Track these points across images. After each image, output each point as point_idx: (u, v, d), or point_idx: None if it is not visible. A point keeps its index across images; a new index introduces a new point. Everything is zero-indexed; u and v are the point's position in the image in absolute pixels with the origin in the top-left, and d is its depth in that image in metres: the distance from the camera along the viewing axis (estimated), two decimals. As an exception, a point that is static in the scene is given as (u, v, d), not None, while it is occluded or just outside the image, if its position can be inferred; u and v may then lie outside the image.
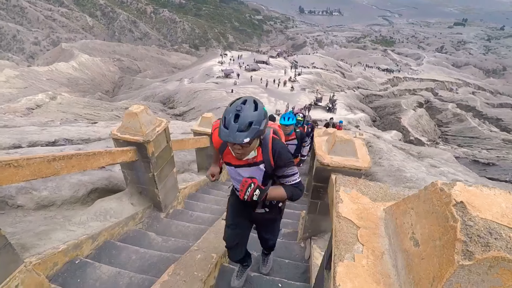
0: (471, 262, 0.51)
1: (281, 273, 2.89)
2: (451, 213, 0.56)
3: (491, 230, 0.52)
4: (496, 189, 0.62)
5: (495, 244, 0.51)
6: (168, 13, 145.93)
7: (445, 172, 7.75)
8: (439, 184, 0.64)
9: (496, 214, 0.55)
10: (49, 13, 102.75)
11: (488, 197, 0.59)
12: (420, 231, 0.63)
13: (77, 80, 49.35)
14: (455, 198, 0.58)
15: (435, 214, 0.61)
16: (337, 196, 0.86)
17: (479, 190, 0.61)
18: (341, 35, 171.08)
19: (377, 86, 55.71)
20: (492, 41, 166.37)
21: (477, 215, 0.54)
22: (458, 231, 0.53)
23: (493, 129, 35.64)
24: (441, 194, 0.61)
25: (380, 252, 0.69)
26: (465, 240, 0.52)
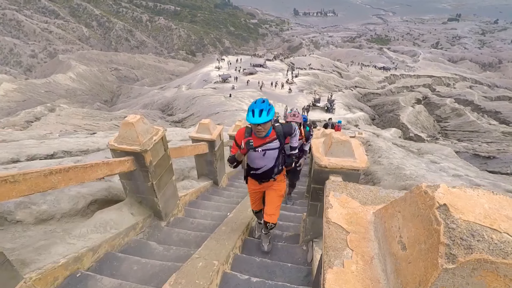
0: (454, 266, 0.51)
1: (283, 277, 2.87)
2: (434, 216, 0.56)
3: (473, 232, 0.52)
4: (480, 189, 0.62)
5: (478, 246, 0.51)
6: (163, 21, 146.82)
7: (446, 168, 7.73)
8: (423, 187, 0.64)
9: (478, 215, 0.55)
10: (45, 26, 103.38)
11: (471, 198, 0.59)
12: (407, 235, 0.63)
13: (75, 91, 49.51)
14: (438, 201, 0.58)
15: (420, 217, 0.61)
16: (326, 201, 0.86)
17: (463, 192, 0.61)
18: (336, 35, 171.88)
19: (375, 84, 55.83)
20: (486, 35, 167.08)
21: (459, 217, 0.54)
22: (442, 234, 0.53)
23: (492, 122, 35.65)
24: (425, 197, 0.61)
25: (370, 256, 0.69)
26: (448, 243, 0.52)
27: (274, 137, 2.79)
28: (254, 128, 2.62)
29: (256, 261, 3.02)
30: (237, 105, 30.63)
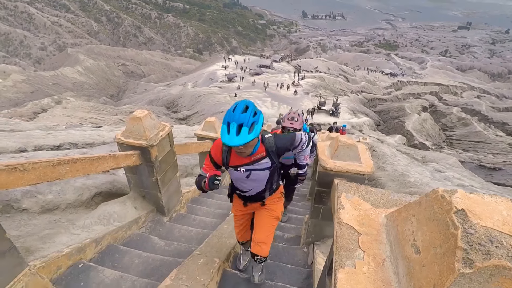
0: (471, 270, 0.51)
1: (284, 278, 2.87)
2: (451, 220, 0.56)
3: (492, 238, 0.52)
4: (498, 196, 0.62)
5: (496, 252, 0.51)
6: (172, 18, 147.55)
7: (450, 177, 7.68)
8: (440, 191, 0.63)
9: (497, 222, 0.55)
10: (56, 19, 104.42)
11: (490, 205, 0.59)
12: (421, 238, 0.63)
13: (82, 84, 49.93)
14: (456, 206, 0.58)
15: (436, 221, 0.61)
16: (338, 202, 0.86)
17: (480, 198, 0.60)
18: (344, 39, 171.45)
19: (381, 90, 55.58)
20: (497, 44, 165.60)
21: (478, 222, 0.54)
22: (459, 239, 0.53)
23: (499, 133, 35.30)
24: (442, 201, 0.61)
25: (381, 259, 0.69)
26: (466, 248, 0.52)
27: (263, 155, 1.98)
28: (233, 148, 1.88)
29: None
30: (242, 105, 30.59)
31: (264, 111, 26.78)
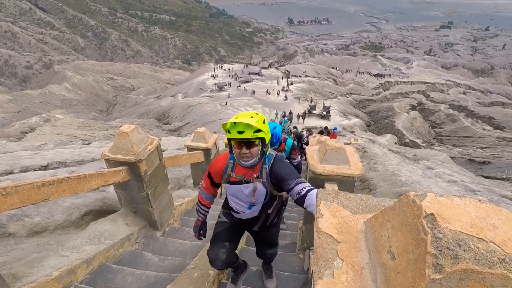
0: (441, 276, 0.51)
1: (280, 286, 2.85)
2: (422, 225, 0.57)
3: (460, 241, 0.52)
4: (467, 198, 0.63)
5: (464, 256, 0.51)
6: (159, 31, 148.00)
7: (441, 174, 7.78)
8: (411, 196, 0.64)
9: (465, 224, 0.55)
10: (41, 37, 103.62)
11: (459, 207, 0.59)
12: (396, 244, 0.63)
13: (71, 101, 49.40)
14: (425, 210, 0.58)
15: (408, 226, 0.61)
16: (317, 211, 0.86)
17: (450, 200, 0.61)
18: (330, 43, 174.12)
19: (370, 91, 56.39)
20: (478, 41, 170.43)
21: (446, 226, 0.54)
22: (429, 244, 0.53)
23: (486, 127, 36.05)
24: (413, 206, 0.62)
25: (360, 266, 0.69)
26: (435, 253, 0.52)
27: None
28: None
29: (252, 270, 2.99)
30: (233, 113, 30.67)
31: (256, 118, 26.76)
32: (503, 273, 0.50)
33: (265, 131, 1.73)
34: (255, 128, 1.66)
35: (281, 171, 1.87)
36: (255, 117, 1.72)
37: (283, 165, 1.92)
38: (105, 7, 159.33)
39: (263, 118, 1.77)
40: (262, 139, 1.77)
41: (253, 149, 1.76)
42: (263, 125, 1.72)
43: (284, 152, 3.90)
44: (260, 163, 1.90)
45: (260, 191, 1.93)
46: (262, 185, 1.91)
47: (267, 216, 2.14)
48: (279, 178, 1.85)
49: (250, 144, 1.74)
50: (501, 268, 0.50)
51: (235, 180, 1.96)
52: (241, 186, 1.96)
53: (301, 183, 1.77)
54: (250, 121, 1.66)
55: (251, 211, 2.06)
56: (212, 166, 2.09)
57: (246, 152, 1.75)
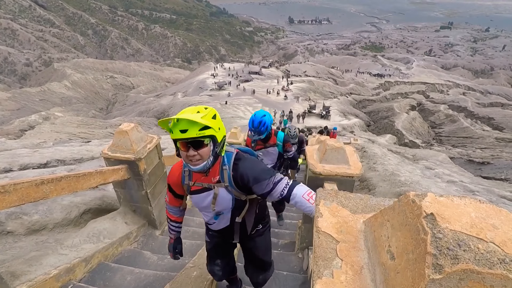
0: (441, 276, 0.51)
1: (279, 285, 2.85)
2: (421, 225, 0.56)
3: (460, 241, 0.52)
4: (467, 198, 0.63)
5: (464, 256, 0.51)
6: (159, 29, 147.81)
7: (440, 174, 7.79)
8: (411, 196, 0.64)
9: (465, 224, 0.55)
10: (41, 34, 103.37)
11: (459, 207, 0.59)
12: (395, 244, 0.63)
13: (71, 99, 49.32)
14: (425, 210, 0.58)
15: (408, 226, 0.61)
16: (317, 210, 0.86)
17: (450, 200, 0.61)
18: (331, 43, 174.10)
19: (370, 91, 56.40)
20: (478, 42, 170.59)
21: (446, 226, 0.54)
22: (428, 244, 0.53)
23: (486, 128, 36.07)
24: (413, 206, 0.62)
25: (359, 266, 0.69)
26: (435, 253, 0.52)
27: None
28: None
29: None
30: (233, 112, 30.68)
31: (255, 117, 26.74)
32: (503, 273, 0.49)
33: (215, 128, 1.43)
34: (201, 125, 1.38)
35: (248, 172, 1.57)
36: (202, 112, 1.43)
37: (250, 163, 1.62)
38: (106, 4, 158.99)
39: (213, 113, 1.47)
40: (212, 137, 1.46)
41: (202, 150, 1.45)
42: (212, 121, 1.44)
43: (276, 146, 3.61)
44: (217, 165, 1.61)
45: (223, 198, 1.65)
46: (225, 190, 1.63)
47: (243, 224, 1.84)
48: (247, 180, 1.56)
49: (198, 145, 1.44)
50: (501, 268, 0.50)
51: (197, 189, 1.69)
52: (202, 195, 1.69)
53: (279, 183, 1.54)
54: (195, 117, 1.36)
55: (219, 222, 1.82)
56: (169, 177, 1.81)
57: (193, 154, 1.44)
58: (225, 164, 1.60)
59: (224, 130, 1.54)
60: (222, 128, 1.52)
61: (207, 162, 1.49)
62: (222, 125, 1.53)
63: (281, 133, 3.63)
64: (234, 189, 1.62)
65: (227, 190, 1.63)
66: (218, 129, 1.47)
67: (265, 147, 3.62)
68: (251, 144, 3.65)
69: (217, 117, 1.50)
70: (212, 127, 1.41)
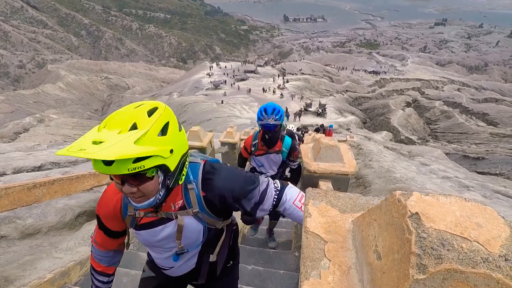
0: (425, 276, 0.51)
1: (276, 284, 2.85)
2: (406, 225, 0.56)
3: (443, 241, 0.52)
4: (452, 196, 0.63)
5: (447, 256, 0.51)
6: (153, 29, 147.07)
7: (435, 170, 7.85)
8: (397, 195, 0.64)
9: (449, 223, 0.55)
10: (33, 36, 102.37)
11: (444, 206, 0.59)
12: (382, 244, 0.63)
13: (65, 100, 48.95)
14: (410, 209, 0.58)
15: (394, 226, 0.61)
16: (306, 210, 0.86)
17: (435, 199, 0.61)
18: (326, 40, 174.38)
19: (365, 88, 56.63)
20: (472, 38, 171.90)
21: (431, 226, 0.54)
22: (413, 244, 0.53)
23: (480, 123, 36.40)
24: (398, 205, 0.62)
25: (347, 266, 0.69)
26: (419, 253, 0.52)
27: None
28: None
29: (247, 269, 2.99)
30: (229, 112, 30.66)
31: (252, 116, 26.84)
32: (486, 272, 0.50)
33: (162, 153, 0.86)
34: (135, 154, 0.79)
35: (229, 187, 1.10)
36: (141, 124, 0.85)
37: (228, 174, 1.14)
38: (99, 5, 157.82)
39: (162, 122, 0.89)
40: (159, 167, 0.90)
41: (144, 186, 0.92)
42: (158, 140, 0.86)
43: (280, 154, 2.97)
44: (178, 188, 1.08)
45: (191, 229, 1.12)
46: (193, 218, 1.10)
47: (214, 263, 1.30)
48: (231, 198, 1.10)
49: (137, 178, 0.90)
50: (484, 267, 0.50)
51: (149, 221, 1.11)
52: (157, 229, 1.11)
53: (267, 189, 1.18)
54: (122, 145, 0.79)
55: (180, 264, 1.25)
56: (100, 206, 1.19)
57: (131, 191, 0.91)
58: (191, 181, 1.08)
59: (184, 145, 0.98)
60: (181, 144, 0.96)
61: (155, 198, 0.96)
62: (182, 138, 0.97)
63: (289, 138, 3.03)
64: (208, 215, 1.12)
65: (196, 218, 1.11)
66: (171, 152, 0.89)
67: (267, 153, 2.97)
68: (250, 147, 3.02)
69: (172, 126, 0.91)
70: (159, 153, 0.84)
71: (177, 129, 0.95)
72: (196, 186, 1.10)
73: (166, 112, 0.92)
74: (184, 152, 0.99)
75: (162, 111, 0.90)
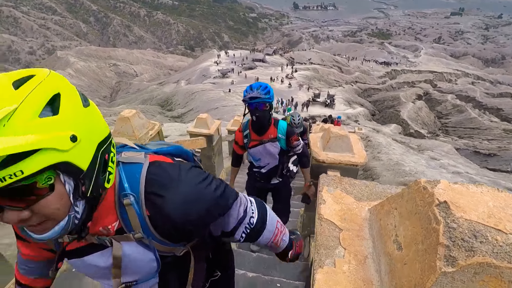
0: (454, 269, 0.47)
1: (280, 272, 2.85)
2: (433, 214, 0.52)
3: (476, 232, 0.47)
4: (484, 186, 0.58)
5: (480, 249, 0.47)
6: (161, 16, 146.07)
7: (445, 165, 7.70)
8: (422, 182, 0.59)
9: (482, 214, 0.50)
10: (43, 22, 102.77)
11: (475, 196, 0.54)
12: (403, 234, 0.59)
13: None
14: (438, 198, 0.53)
15: (418, 215, 0.56)
16: (319, 197, 0.82)
17: (465, 188, 0.56)
18: (337, 29, 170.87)
19: (375, 79, 55.58)
20: (490, 30, 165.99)
21: (461, 216, 0.49)
22: (441, 234, 0.48)
23: (494, 119, 35.51)
24: (424, 193, 0.57)
25: (363, 256, 0.65)
26: (448, 244, 0.47)
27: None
28: None
29: (252, 256, 3.00)
30: (236, 100, 30.54)
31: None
32: (524, 268, 0.45)
33: (57, 135, 0.52)
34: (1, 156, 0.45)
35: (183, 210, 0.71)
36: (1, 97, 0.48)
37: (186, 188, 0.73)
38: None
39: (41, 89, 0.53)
40: (58, 167, 0.53)
41: (41, 204, 0.55)
42: (39, 123, 0.50)
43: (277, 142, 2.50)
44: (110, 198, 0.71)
45: (136, 260, 0.76)
46: (136, 245, 0.74)
47: None
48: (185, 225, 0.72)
49: (24, 194, 0.53)
50: (522, 262, 0.46)
51: (78, 248, 0.75)
52: (90, 258, 0.75)
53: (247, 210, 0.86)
54: None
55: None
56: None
57: (23, 218, 0.54)
58: (127, 193, 0.71)
59: (100, 128, 0.64)
60: (92, 126, 0.62)
61: (69, 220, 0.60)
62: (92, 118, 0.62)
63: (283, 122, 2.55)
64: (159, 241, 0.75)
65: (142, 245, 0.74)
66: (73, 140, 0.55)
67: (261, 143, 2.49)
68: (242, 140, 2.57)
69: (68, 99, 0.57)
70: (49, 144, 0.50)
71: (78, 104, 0.59)
72: (136, 202, 0.70)
73: (51, 80, 0.55)
74: (101, 139, 0.62)
75: (41, 79, 0.53)
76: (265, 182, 2.73)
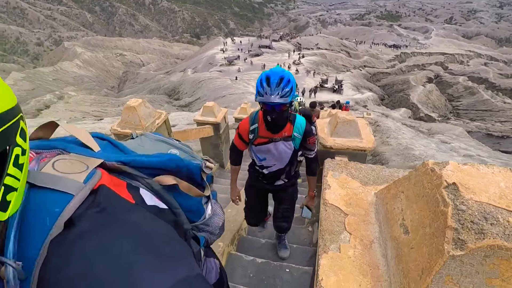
0: (463, 252, 0.46)
1: (289, 258, 2.88)
2: (441, 196, 0.50)
3: (486, 214, 0.46)
4: (495, 166, 0.55)
5: (491, 231, 0.45)
6: (166, 3, 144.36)
7: (456, 148, 7.55)
8: (430, 164, 0.57)
9: (493, 195, 0.47)
10: (49, 13, 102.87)
11: (485, 177, 0.52)
12: (410, 217, 0.57)
13: (82, 78, 49.74)
14: (446, 180, 0.51)
15: (425, 198, 0.54)
16: (324, 182, 0.80)
17: (475, 169, 0.53)
18: (344, 12, 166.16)
19: (384, 63, 54.23)
20: (504, 7, 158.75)
21: (471, 197, 0.47)
22: (449, 217, 0.46)
23: (507, 100, 34.43)
24: (432, 175, 0.54)
25: (369, 240, 0.64)
26: (457, 227, 0.46)
27: None
28: None
29: (261, 243, 3.03)
30: (243, 88, 30.32)
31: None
32: (537, 250, 0.43)
33: None
34: None
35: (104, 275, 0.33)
36: None
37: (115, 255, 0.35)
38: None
39: None
40: None
41: None
42: None
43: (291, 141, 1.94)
44: None
45: None
46: None
47: None
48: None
49: None
50: (535, 245, 0.43)
51: None
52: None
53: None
54: None
55: None
56: None
57: None
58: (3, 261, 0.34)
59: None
60: None
61: None
62: None
63: (301, 118, 1.97)
64: None
65: None
66: None
67: (271, 141, 1.99)
68: (247, 135, 2.05)
69: None
70: None
71: None
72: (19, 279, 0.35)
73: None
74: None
75: None
76: (268, 183, 2.28)
